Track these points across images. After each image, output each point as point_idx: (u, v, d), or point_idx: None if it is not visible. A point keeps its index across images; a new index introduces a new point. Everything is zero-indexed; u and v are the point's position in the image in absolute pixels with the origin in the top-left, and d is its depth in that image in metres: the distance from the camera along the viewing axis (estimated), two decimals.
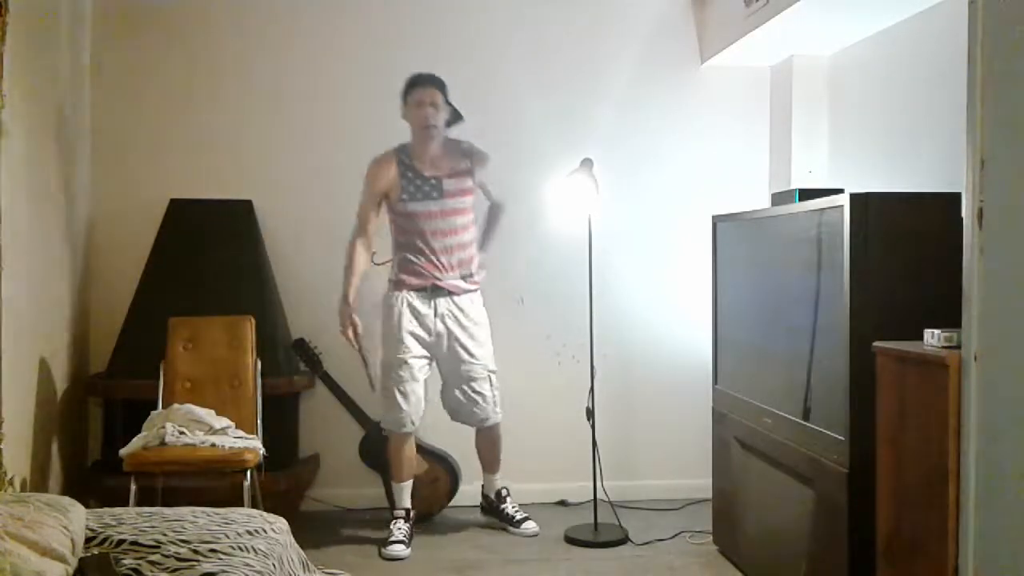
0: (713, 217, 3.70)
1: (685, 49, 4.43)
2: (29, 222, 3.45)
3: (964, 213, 2.02)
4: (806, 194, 3.00)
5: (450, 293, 3.73)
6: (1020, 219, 1.89)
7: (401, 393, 3.70)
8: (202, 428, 3.44)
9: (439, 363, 3.81)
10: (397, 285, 3.75)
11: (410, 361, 3.71)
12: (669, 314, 4.39)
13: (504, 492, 3.95)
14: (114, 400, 3.88)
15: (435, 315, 3.72)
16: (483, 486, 4.03)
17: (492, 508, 3.97)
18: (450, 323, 3.73)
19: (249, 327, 3.76)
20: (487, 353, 3.81)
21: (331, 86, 4.28)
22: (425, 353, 3.76)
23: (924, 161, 3.34)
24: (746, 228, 3.44)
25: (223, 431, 3.47)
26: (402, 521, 3.70)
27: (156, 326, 3.74)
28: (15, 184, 3.27)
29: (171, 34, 4.21)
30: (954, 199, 2.47)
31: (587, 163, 3.86)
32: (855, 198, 2.55)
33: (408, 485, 3.78)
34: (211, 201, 4.14)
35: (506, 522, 3.89)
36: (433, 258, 3.71)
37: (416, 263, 3.71)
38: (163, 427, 3.38)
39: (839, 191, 2.80)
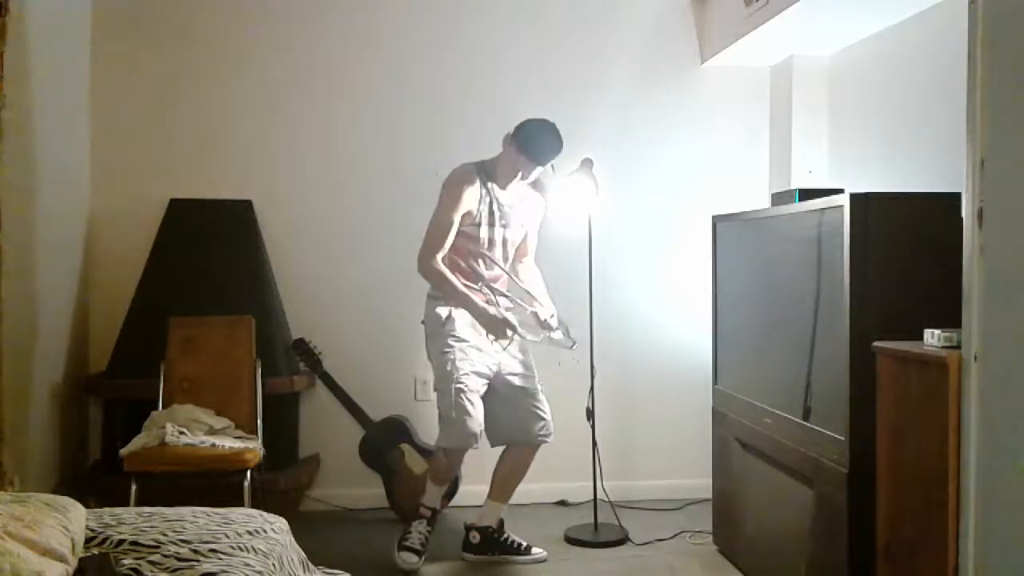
0: (713, 217, 3.70)
1: (685, 49, 4.43)
2: (29, 222, 3.45)
3: (964, 213, 2.02)
4: (806, 194, 3.00)
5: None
6: (1020, 219, 1.89)
7: (468, 403, 3.37)
8: (202, 428, 3.44)
9: (493, 381, 3.51)
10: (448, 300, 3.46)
11: (472, 373, 3.41)
12: (669, 314, 4.39)
13: (503, 521, 3.59)
14: (114, 400, 3.88)
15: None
16: (478, 519, 3.58)
17: (489, 540, 3.54)
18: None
19: (249, 327, 3.76)
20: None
21: (331, 86, 4.28)
22: (484, 371, 3.46)
23: (924, 161, 3.34)
24: (746, 228, 3.44)
25: (223, 431, 3.48)
26: (426, 523, 3.50)
27: (156, 326, 3.74)
28: (15, 184, 3.27)
29: (171, 34, 4.20)
30: (954, 199, 2.47)
31: (587, 163, 3.86)
32: (855, 198, 2.55)
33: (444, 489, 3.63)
34: (211, 201, 4.14)
35: (511, 552, 3.53)
36: (483, 287, 3.46)
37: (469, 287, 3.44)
38: (163, 427, 3.38)
39: (839, 191, 2.80)
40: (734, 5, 3.95)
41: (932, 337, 2.25)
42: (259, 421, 3.64)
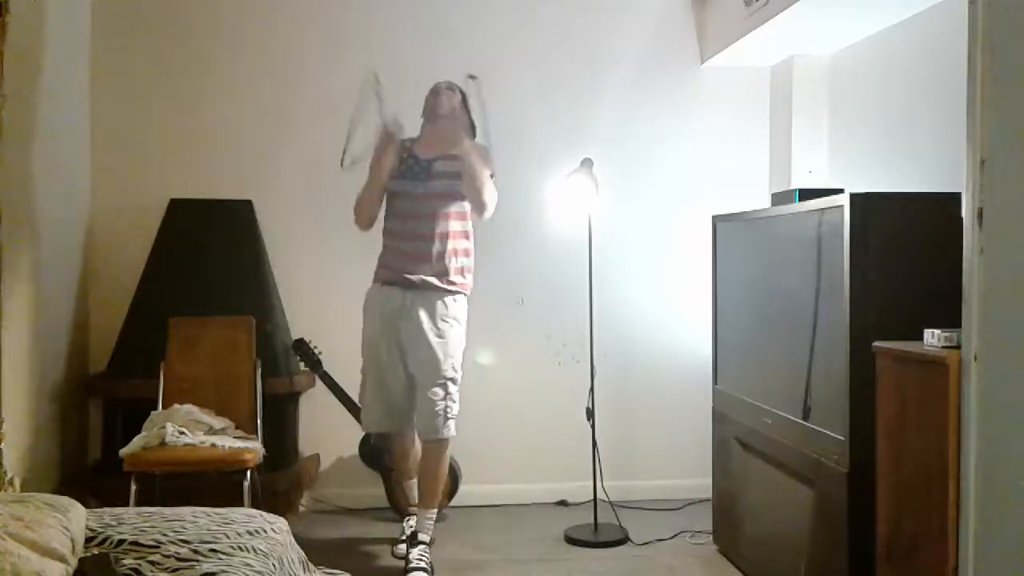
0: (713, 217, 3.70)
1: (685, 49, 4.43)
2: (29, 221, 3.45)
3: (964, 213, 2.02)
4: (806, 194, 3.00)
5: (419, 288, 3.37)
6: (1020, 219, 1.89)
7: (364, 395, 3.52)
8: (202, 428, 3.44)
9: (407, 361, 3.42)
10: (375, 275, 3.52)
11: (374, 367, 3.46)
12: (669, 314, 4.39)
13: (423, 537, 3.38)
14: (114, 400, 3.88)
15: (402, 308, 3.39)
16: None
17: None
18: (420, 319, 3.37)
19: (249, 327, 3.76)
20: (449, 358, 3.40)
21: (331, 86, 4.28)
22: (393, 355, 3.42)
23: (924, 161, 3.34)
24: (746, 228, 3.44)
25: (223, 431, 3.48)
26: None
27: (156, 326, 3.74)
28: (15, 184, 3.27)
29: (171, 34, 4.21)
30: (954, 199, 2.47)
31: (587, 163, 3.86)
32: (855, 198, 2.55)
33: (410, 484, 3.68)
34: (211, 201, 4.14)
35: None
36: (405, 246, 3.42)
37: (388, 253, 3.48)
38: (163, 427, 3.38)
39: (839, 191, 2.80)
40: (734, 5, 3.95)
41: (932, 337, 2.25)
42: (259, 421, 3.64)
